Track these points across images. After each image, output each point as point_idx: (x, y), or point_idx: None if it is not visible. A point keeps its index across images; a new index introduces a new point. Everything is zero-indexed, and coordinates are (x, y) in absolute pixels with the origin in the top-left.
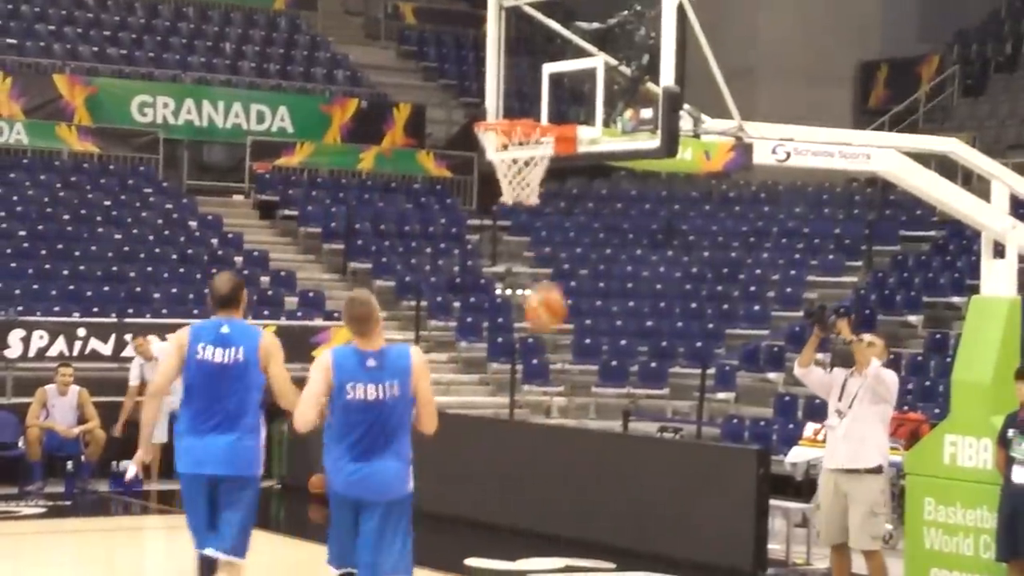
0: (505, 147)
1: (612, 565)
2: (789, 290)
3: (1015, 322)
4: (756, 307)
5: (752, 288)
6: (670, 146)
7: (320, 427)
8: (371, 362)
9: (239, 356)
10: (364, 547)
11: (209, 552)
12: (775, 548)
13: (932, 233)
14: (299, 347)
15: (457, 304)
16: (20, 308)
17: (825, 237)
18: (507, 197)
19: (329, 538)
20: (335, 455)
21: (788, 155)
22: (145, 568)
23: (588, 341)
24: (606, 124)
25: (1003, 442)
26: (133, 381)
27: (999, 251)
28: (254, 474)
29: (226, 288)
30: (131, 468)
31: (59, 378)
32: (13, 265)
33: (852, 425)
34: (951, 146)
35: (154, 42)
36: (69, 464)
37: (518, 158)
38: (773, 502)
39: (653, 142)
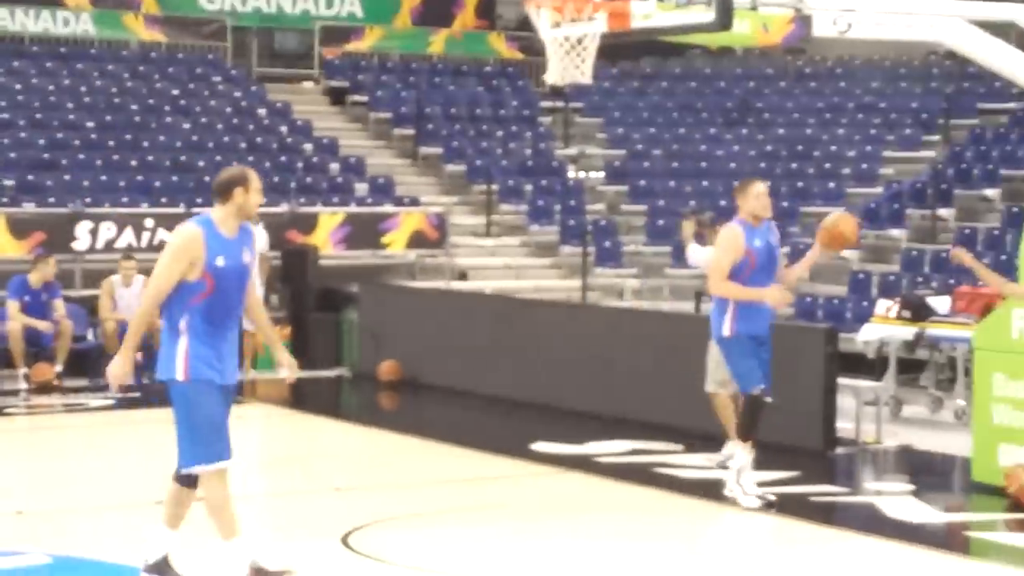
0: (558, 24)
1: (680, 447)
2: (865, 166)
3: None
4: (831, 184)
5: (827, 165)
6: (724, 19)
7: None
8: None
9: None
10: None
11: None
12: (845, 427)
13: (1011, 105)
14: (369, 233)
15: (529, 187)
16: (88, 200)
17: (902, 112)
18: (555, 76)
19: None
20: None
21: (849, 26)
22: None
23: (661, 222)
24: None
25: None
26: None
27: None
28: None
29: None
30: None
31: (122, 271)
32: (81, 157)
33: None
34: (1020, 14)
35: None
36: (139, 355)
37: (570, 35)
38: (842, 380)
39: (707, 15)
